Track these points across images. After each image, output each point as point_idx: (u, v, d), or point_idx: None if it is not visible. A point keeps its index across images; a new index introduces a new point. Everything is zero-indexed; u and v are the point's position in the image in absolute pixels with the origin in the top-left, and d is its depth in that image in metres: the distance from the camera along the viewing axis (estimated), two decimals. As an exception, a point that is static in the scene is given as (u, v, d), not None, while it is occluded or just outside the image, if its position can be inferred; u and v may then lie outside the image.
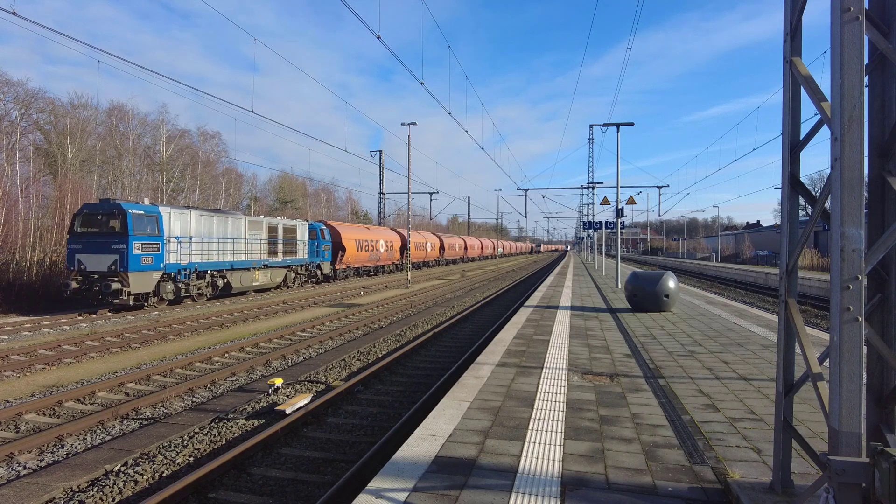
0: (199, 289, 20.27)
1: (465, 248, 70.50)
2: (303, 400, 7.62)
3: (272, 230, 25.12)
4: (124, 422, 7.24)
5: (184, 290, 19.33)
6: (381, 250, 39.52)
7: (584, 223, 46.98)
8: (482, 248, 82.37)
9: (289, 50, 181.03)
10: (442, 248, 57.69)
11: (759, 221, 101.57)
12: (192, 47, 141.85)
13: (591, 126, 49.28)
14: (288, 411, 7.20)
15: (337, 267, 32.18)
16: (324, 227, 30.79)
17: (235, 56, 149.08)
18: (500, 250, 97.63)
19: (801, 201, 3.38)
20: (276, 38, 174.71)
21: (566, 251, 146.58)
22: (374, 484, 3.68)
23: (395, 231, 45.94)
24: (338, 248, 32.36)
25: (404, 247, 43.62)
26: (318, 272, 30.09)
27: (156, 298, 18.36)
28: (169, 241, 18.48)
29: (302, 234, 27.87)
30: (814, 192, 3.22)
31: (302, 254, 27.75)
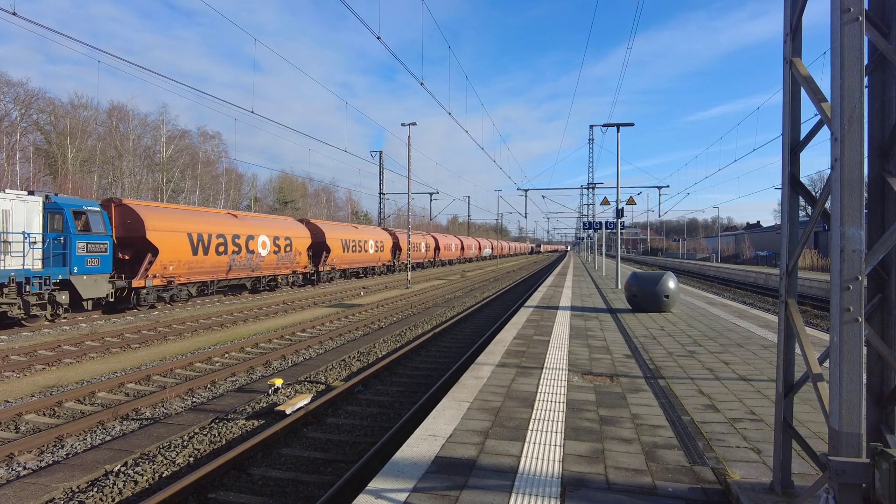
0: None
1: (437, 247, 54.04)
2: (303, 400, 7.62)
3: None
4: (124, 422, 7.24)
5: None
6: (264, 252, 24.06)
7: (584, 223, 46.98)
8: (464, 248, 65.19)
9: (291, 49, 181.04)
10: (397, 248, 42.55)
11: (759, 222, 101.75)
12: (195, 46, 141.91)
13: (591, 126, 49.33)
14: (288, 412, 7.20)
15: (141, 283, 17.59)
16: (95, 209, 16.36)
17: (238, 55, 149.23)
18: (489, 251, 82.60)
19: (802, 202, 3.38)
20: (278, 37, 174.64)
21: (566, 251, 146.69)
22: (374, 484, 3.68)
23: (307, 223, 30.54)
24: (143, 249, 18.18)
25: (322, 248, 30.31)
26: (65, 297, 15.15)
27: None
28: None
29: (14, 218, 14.19)
30: (814, 193, 3.22)
31: (18, 259, 14.02)
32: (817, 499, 2.79)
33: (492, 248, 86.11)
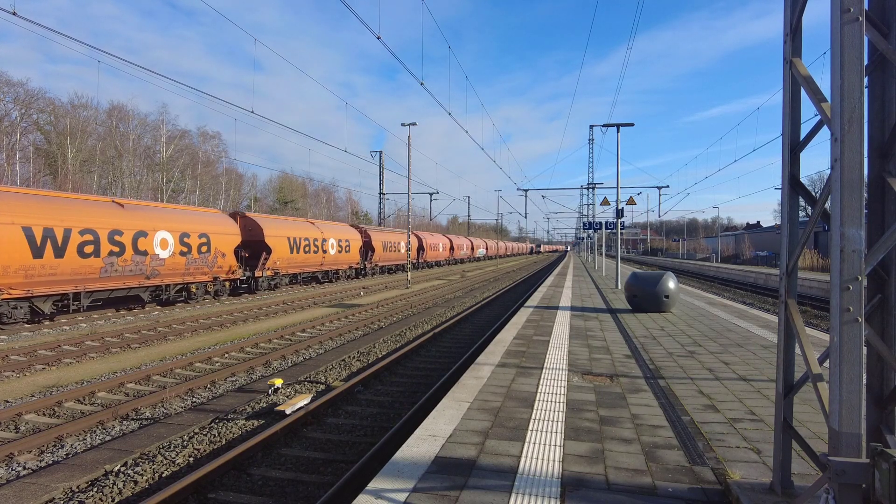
0: None
1: (421, 247, 46.07)
2: (303, 400, 7.62)
3: None
4: (124, 422, 7.23)
5: None
6: (164, 254, 18.62)
7: (584, 224, 46.92)
8: (453, 248, 55.56)
9: (292, 48, 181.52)
10: (368, 248, 36.40)
11: (759, 222, 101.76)
12: (196, 46, 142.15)
13: (591, 126, 49.31)
14: (288, 412, 7.20)
15: None
16: None
17: (239, 54, 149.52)
18: (483, 251, 72.44)
19: (801, 202, 3.38)
20: (280, 36, 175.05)
21: (566, 252, 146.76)
22: (373, 484, 3.68)
23: (240, 217, 24.65)
24: None
25: (261, 248, 24.05)
26: None
27: None
28: None
29: None
30: (814, 193, 3.22)
31: None
32: (817, 499, 2.79)
33: (486, 249, 77.06)
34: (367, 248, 36.60)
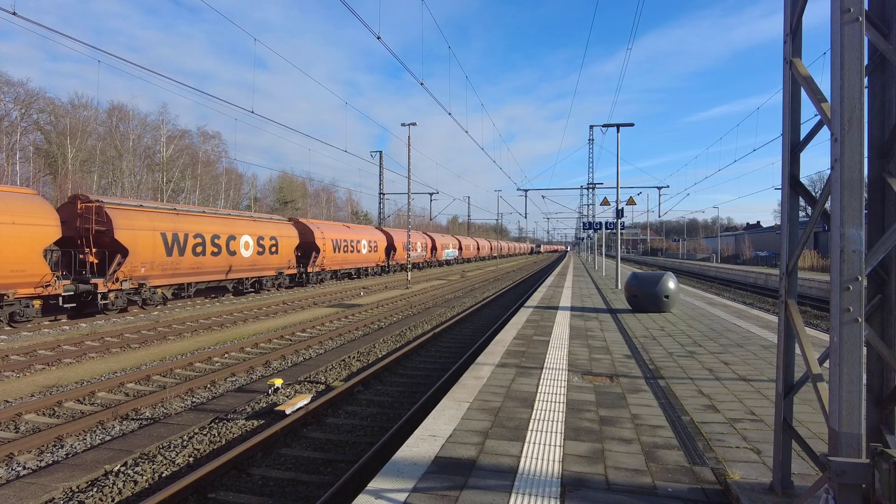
0: None
1: (305, 246, 28.79)
2: (302, 400, 7.62)
3: None
4: (124, 422, 7.24)
5: None
6: None
7: (584, 224, 46.84)
8: (392, 248, 41.57)
9: (297, 46, 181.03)
10: (116, 250, 16.55)
11: (759, 222, 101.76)
12: (199, 44, 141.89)
13: (591, 126, 49.26)
14: (288, 412, 7.20)
15: None
16: None
17: (243, 52, 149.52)
18: (453, 252, 53.21)
19: (802, 202, 3.38)
20: (284, 34, 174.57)
21: (566, 252, 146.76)
22: (373, 484, 3.68)
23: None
24: None
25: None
26: None
27: None
28: None
29: None
30: (814, 193, 3.22)
31: None
32: (817, 499, 2.79)
33: (459, 249, 55.49)
34: (110, 248, 17.09)
